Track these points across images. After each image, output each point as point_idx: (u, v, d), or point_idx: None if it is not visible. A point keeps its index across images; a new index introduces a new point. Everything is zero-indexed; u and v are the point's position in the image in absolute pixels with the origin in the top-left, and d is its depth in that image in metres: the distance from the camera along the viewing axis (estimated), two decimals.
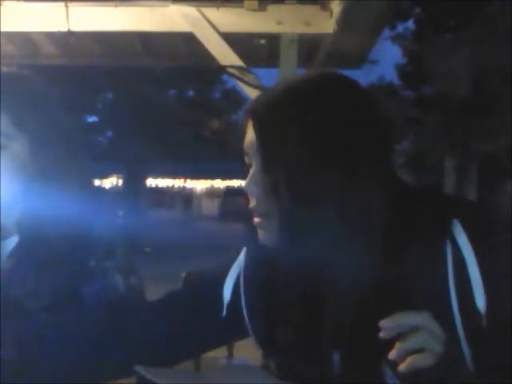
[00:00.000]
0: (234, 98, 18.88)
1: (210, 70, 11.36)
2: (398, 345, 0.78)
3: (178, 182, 26.90)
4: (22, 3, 4.14)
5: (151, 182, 24.07)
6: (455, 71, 10.86)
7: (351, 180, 0.87)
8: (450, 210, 0.91)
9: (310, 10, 4.18)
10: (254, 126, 0.93)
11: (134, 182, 18.72)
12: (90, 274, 1.14)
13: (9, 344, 1.00)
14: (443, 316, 0.83)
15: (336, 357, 0.93)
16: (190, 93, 19.75)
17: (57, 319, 1.07)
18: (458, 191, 11.67)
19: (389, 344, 0.79)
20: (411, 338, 0.78)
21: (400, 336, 0.78)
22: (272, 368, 1.02)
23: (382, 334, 0.78)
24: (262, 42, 4.53)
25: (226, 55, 4.13)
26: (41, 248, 1.13)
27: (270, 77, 4.31)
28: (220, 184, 26.91)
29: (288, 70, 4.06)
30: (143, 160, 17.77)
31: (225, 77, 15.48)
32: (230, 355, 1.90)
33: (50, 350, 1.02)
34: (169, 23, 4.19)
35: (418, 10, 13.09)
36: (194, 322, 1.06)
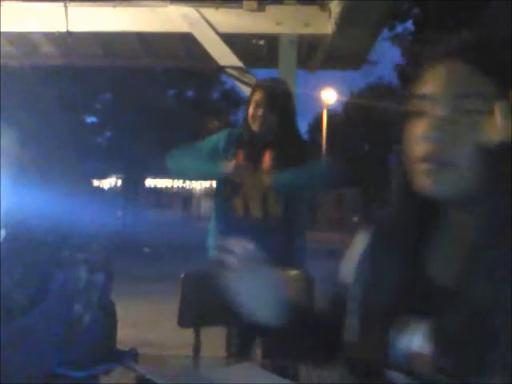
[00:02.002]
0: (233, 99, 18.91)
1: (209, 71, 11.37)
2: None
3: (177, 182, 26.88)
4: (22, 3, 4.14)
5: (150, 182, 24.06)
6: None
7: None
8: None
9: (309, 10, 4.18)
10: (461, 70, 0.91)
11: (133, 183, 18.73)
12: (58, 265, 1.16)
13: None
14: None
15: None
16: (190, 93, 19.77)
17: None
18: None
19: (390, 347, 0.79)
20: None
21: None
22: (272, 366, 1.03)
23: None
24: (261, 42, 4.53)
25: (224, 56, 4.13)
26: (25, 241, 1.15)
27: None
28: None
29: (287, 70, 4.06)
30: (143, 160, 17.78)
31: (224, 77, 15.49)
32: (231, 355, 1.90)
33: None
34: (168, 24, 4.19)
35: (417, 10, 13.10)
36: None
